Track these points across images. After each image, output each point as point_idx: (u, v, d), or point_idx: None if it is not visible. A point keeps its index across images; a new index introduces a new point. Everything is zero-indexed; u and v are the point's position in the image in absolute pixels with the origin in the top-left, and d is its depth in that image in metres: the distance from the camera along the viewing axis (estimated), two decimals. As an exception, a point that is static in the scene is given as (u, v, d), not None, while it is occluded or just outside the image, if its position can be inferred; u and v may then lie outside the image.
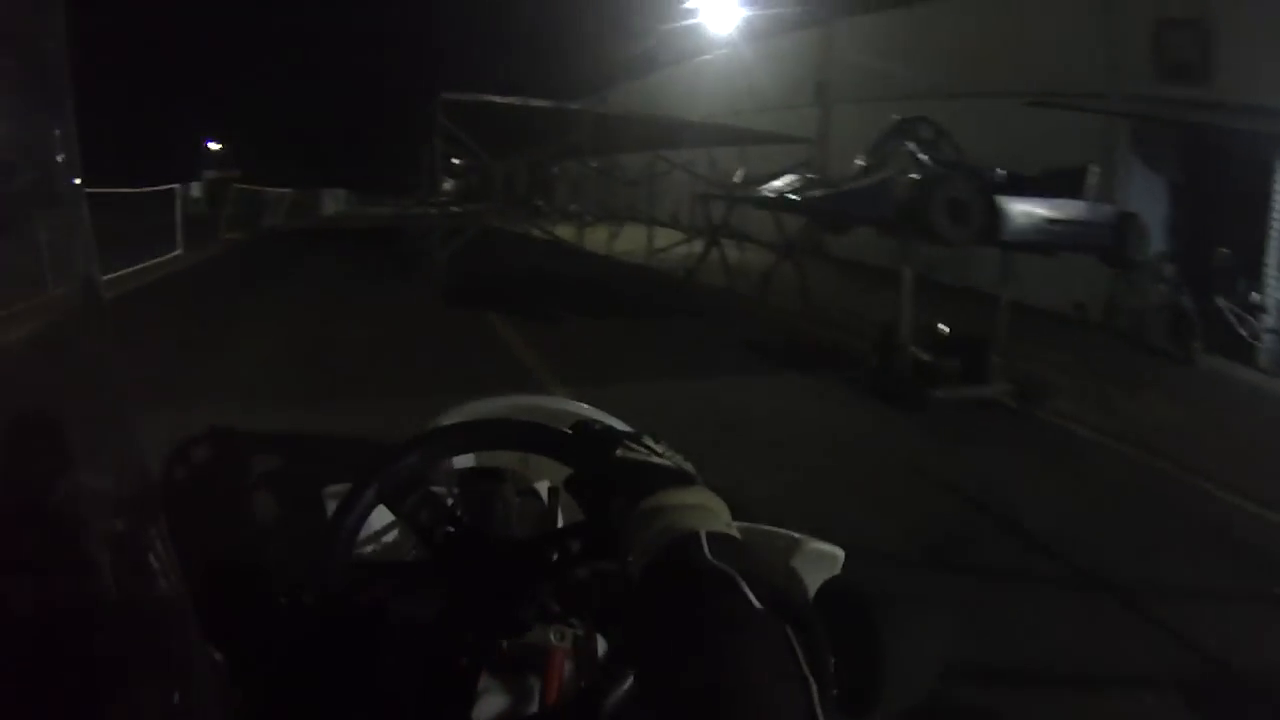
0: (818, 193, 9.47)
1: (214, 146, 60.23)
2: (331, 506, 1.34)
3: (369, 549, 1.57)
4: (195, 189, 45.30)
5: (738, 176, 19.35)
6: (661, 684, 0.84)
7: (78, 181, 0.85)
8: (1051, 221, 8.57)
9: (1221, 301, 11.93)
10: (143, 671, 0.82)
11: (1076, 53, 14.91)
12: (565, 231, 22.79)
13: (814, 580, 1.20)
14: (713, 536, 0.92)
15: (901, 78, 18.40)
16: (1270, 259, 12.30)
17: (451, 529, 1.31)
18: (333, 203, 56.80)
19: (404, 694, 1.15)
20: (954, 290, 13.51)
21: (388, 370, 8.69)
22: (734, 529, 1.00)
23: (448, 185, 37.28)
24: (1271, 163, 12.09)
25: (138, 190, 20.40)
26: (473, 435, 1.51)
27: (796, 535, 1.56)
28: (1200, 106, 12.96)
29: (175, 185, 21.96)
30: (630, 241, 22.10)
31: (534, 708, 1.33)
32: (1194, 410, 9.20)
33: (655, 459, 1.13)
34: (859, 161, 9.41)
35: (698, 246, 18.41)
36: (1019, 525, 5.58)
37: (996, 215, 8.32)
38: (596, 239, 21.87)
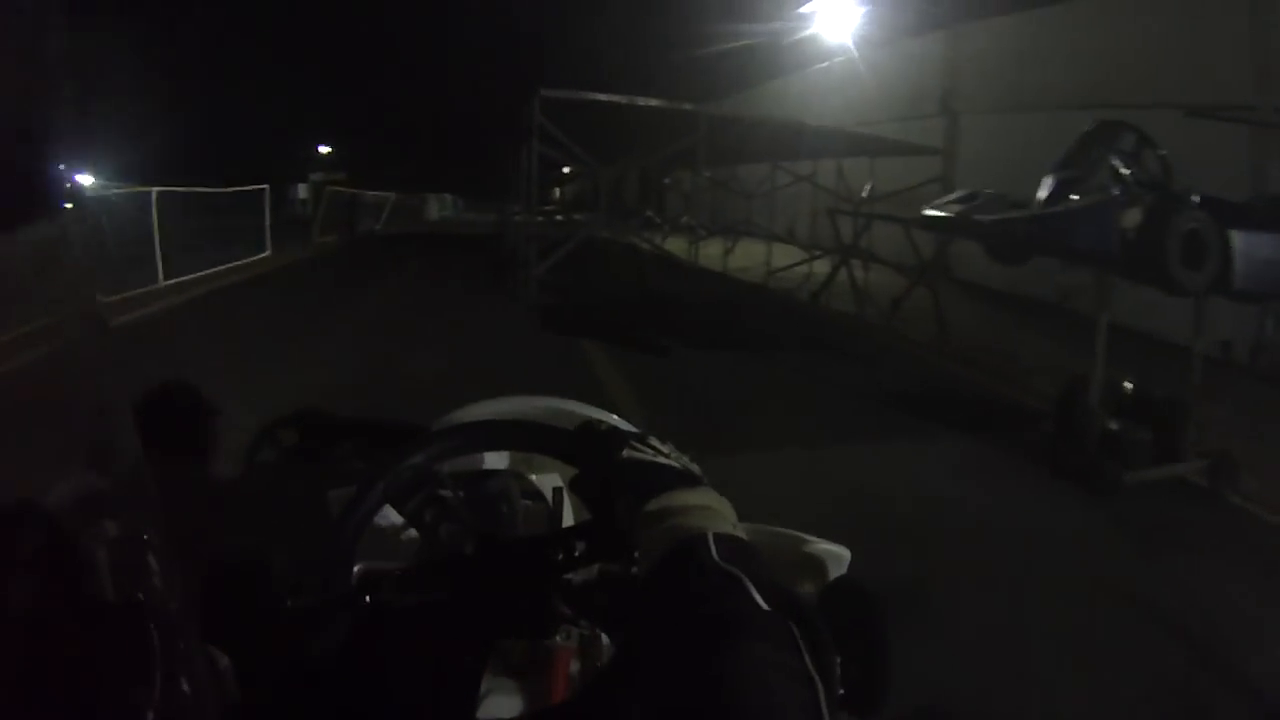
0: (1009, 215, 7.41)
1: (325, 150, 60.70)
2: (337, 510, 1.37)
3: (375, 551, 1.51)
4: (302, 191, 45.74)
5: (865, 191, 17.96)
6: (667, 683, 0.85)
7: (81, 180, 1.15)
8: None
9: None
10: (141, 672, 0.81)
11: (1223, 60, 13.29)
12: (676, 245, 21.52)
13: (820, 580, 1.50)
14: (719, 538, 0.94)
15: (1034, 85, 16.94)
16: None
17: (456, 529, 1.31)
18: (438, 208, 56.84)
19: (409, 695, 1.15)
20: (1091, 323, 11.63)
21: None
22: (740, 530, 1.01)
23: (556, 193, 36.48)
24: None
25: (230, 190, 20.65)
26: (479, 436, 1.52)
27: (803, 535, 1.68)
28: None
29: (264, 186, 21.49)
30: (746, 258, 20.39)
31: (539, 707, 1.33)
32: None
33: (661, 459, 1.18)
34: (1049, 179, 7.32)
35: (819, 265, 16.95)
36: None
37: (1232, 257, 6.53)
38: (710, 254, 20.13)
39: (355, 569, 1.33)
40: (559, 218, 28.48)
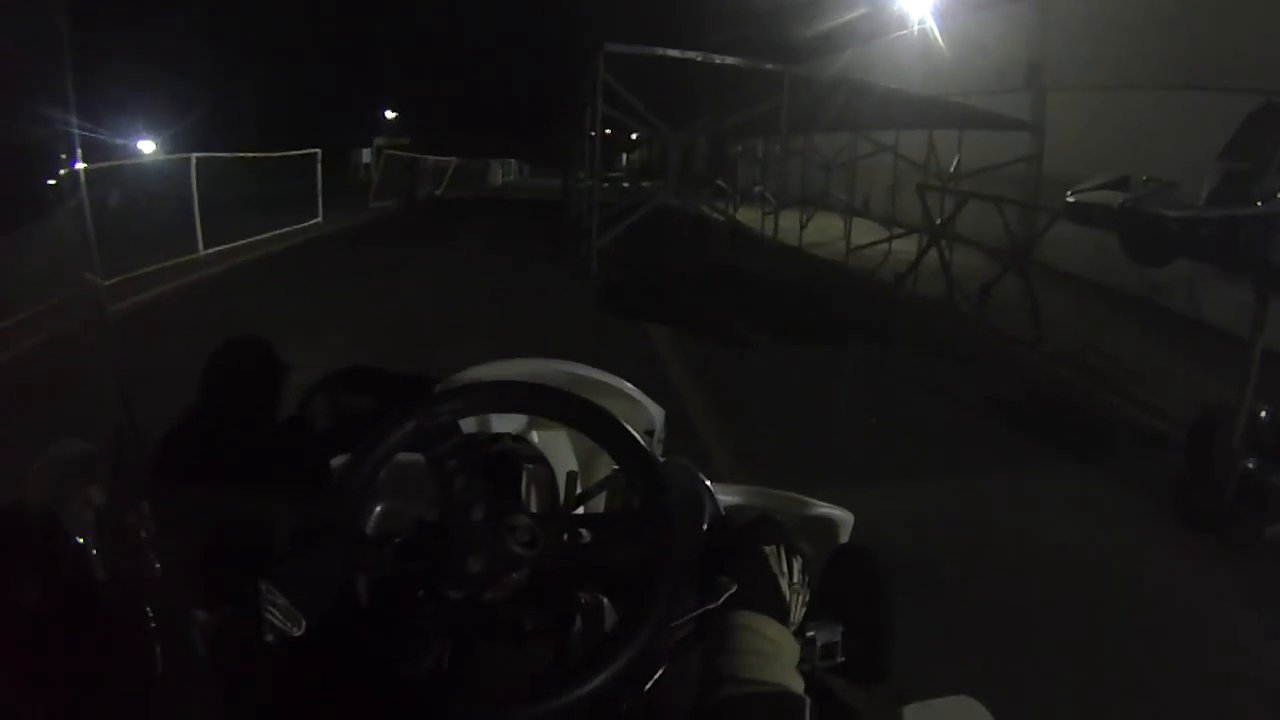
0: (1174, 211, 6.16)
1: (390, 116, 60.58)
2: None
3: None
4: (366, 156, 45.77)
5: (953, 166, 16.81)
6: None
7: (79, 168, 1.03)
8: None
9: None
10: (133, 657, 0.92)
11: None
12: (749, 216, 20.39)
13: (829, 542, 1.62)
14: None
15: (1131, 61, 15.35)
16: None
17: (470, 483, 1.34)
18: (502, 173, 56.40)
19: (409, 662, 1.15)
20: (1186, 322, 10.89)
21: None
22: (798, 679, 1.18)
23: (624, 159, 35.59)
24: None
25: (278, 155, 20.91)
26: (529, 398, 1.50)
27: (807, 499, 1.81)
28: None
29: (316, 150, 20.94)
30: (823, 233, 19.20)
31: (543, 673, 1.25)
32: None
33: (774, 579, 1.28)
34: (1217, 169, 6.04)
35: (900, 244, 16.00)
36: None
37: None
38: (785, 228, 19.02)
39: (377, 509, 1.60)
40: (625, 185, 27.49)
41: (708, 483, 1.68)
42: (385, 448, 1.33)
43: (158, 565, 1.03)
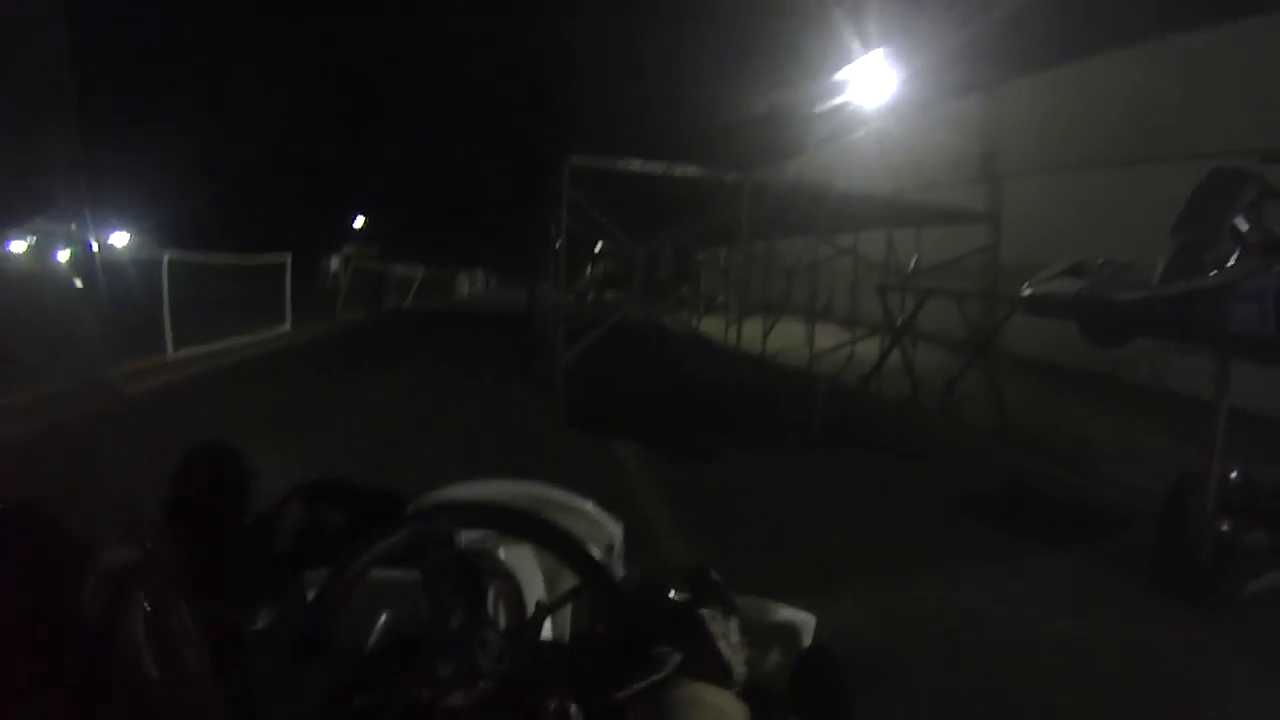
0: (1132, 294, 6.24)
1: (359, 223, 61.11)
2: (312, 593, 1.43)
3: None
4: (334, 263, 45.97)
5: (912, 263, 17.07)
6: None
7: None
8: None
9: None
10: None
11: None
12: (712, 325, 20.55)
13: (793, 646, 1.62)
14: None
15: (1081, 142, 16.06)
16: None
17: (453, 597, 1.42)
18: (468, 284, 56.70)
19: None
20: (1153, 394, 11.45)
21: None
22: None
23: (587, 270, 35.96)
24: None
25: (250, 261, 20.78)
26: (513, 522, 1.59)
27: (770, 603, 1.83)
28: None
29: (285, 257, 20.89)
30: (786, 338, 19.19)
31: None
32: None
33: (711, 641, 1.36)
34: (1171, 243, 6.17)
35: (863, 346, 15.92)
36: None
37: None
38: (748, 335, 19.19)
39: (382, 619, 1.53)
40: (589, 297, 27.72)
41: (671, 592, 1.72)
42: (372, 556, 1.40)
43: (199, 665, 1.08)
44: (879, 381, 13.82)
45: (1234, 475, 6.05)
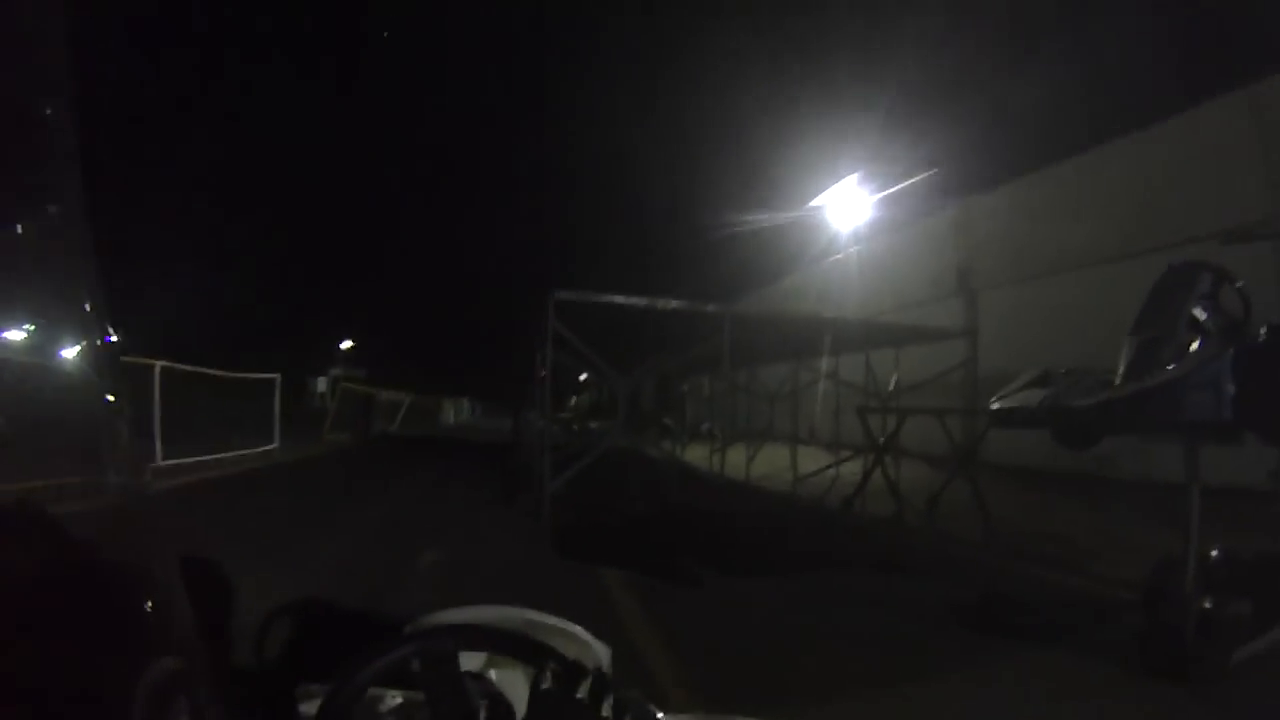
0: (1108, 397, 6.44)
1: (347, 345, 61.36)
2: (308, 706, 1.52)
3: None
4: (321, 384, 46.02)
5: (892, 384, 17.29)
6: None
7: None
8: None
9: None
10: None
11: (1239, 182, 13.25)
12: (696, 453, 20.64)
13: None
14: None
15: (1054, 247, 16.67)
16: None
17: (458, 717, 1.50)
18: (454, 412, 56.70)
19: None
20: (1136, 485, 11.43)
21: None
22: None
23: (572, 400, 36.12)
24: None
25: (241, 376, 20.89)
26: (526, 651, 1.57)
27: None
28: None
29: (275, 376, 20.95)
30: (769, 464, 19.37)
31: None
32: None
33: None
34: (1129, 342, 6.40)
35: (847, 467, 16.06)
36: None
37: None
38: (732, 462, 19.31)
39: None
40: (574, 426, 27.84)
41: (660, 715, 1.73)
42: (375, 671, 1.44)
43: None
44: (863, 502, 13.94)
45: (1214, 552, 6.29)
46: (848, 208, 23.71)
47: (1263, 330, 5.99)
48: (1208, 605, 5.89)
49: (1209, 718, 5.24)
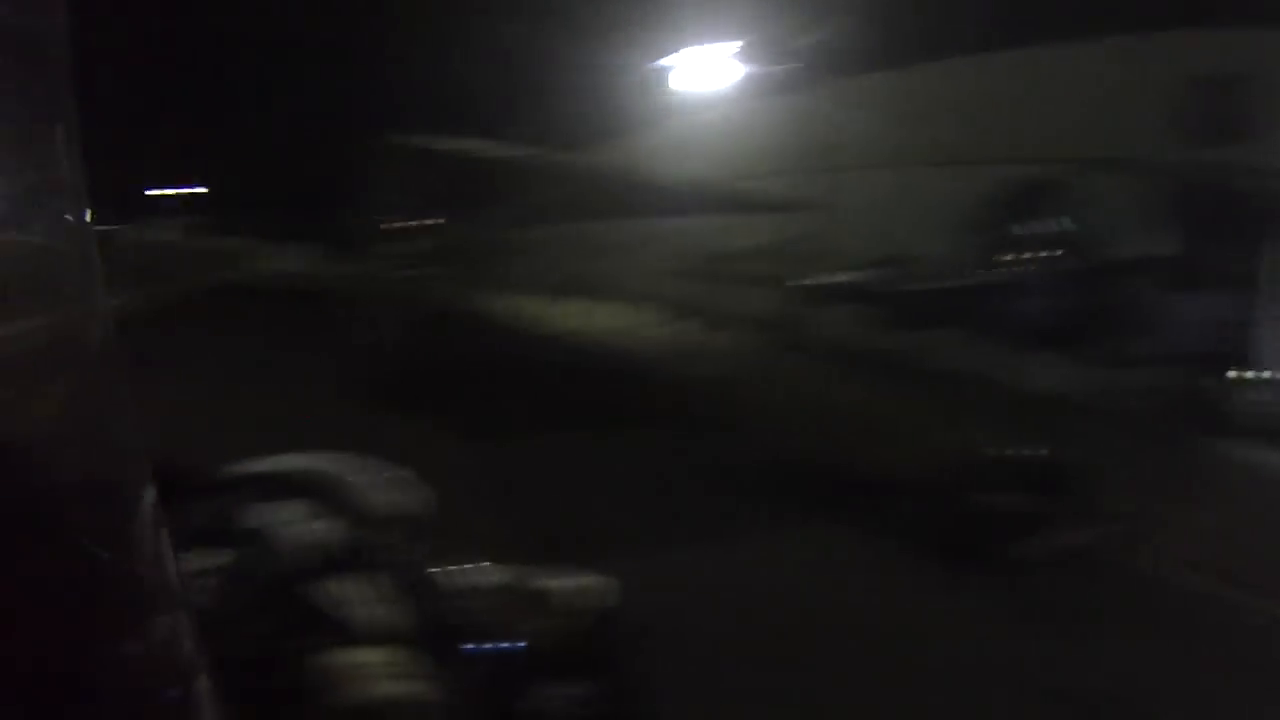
0: (943, 285, 6.83)
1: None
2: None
3: None
4: None
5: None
6: None
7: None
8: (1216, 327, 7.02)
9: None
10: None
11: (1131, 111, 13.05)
12: (533, 307, 20.63)
13: (584, 611, 1.81)
14: None
15: (912, 141, 16.50)
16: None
17: None
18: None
19: None
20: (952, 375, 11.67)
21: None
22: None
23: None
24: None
25: None
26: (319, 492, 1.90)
27: (562, 573, 2.00)
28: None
29: None
30: (608, 317, 19.44)
31: None
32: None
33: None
34: (968, 240, 6.80)
35: (682, 327, 16.41)
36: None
37: (1167, 322, 6.71)
38: (564, 315, 19.46)
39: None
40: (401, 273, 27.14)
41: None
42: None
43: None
44: (693, 364, 14.19)
45: (1010, 452, 6.89)
46: (705, 70, 23.21)
47: (1105, 257, 6.44)
48: (989, 499, 6.53)
49: (1006, 601, 5.73)
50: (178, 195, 23.47)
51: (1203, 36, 13.11)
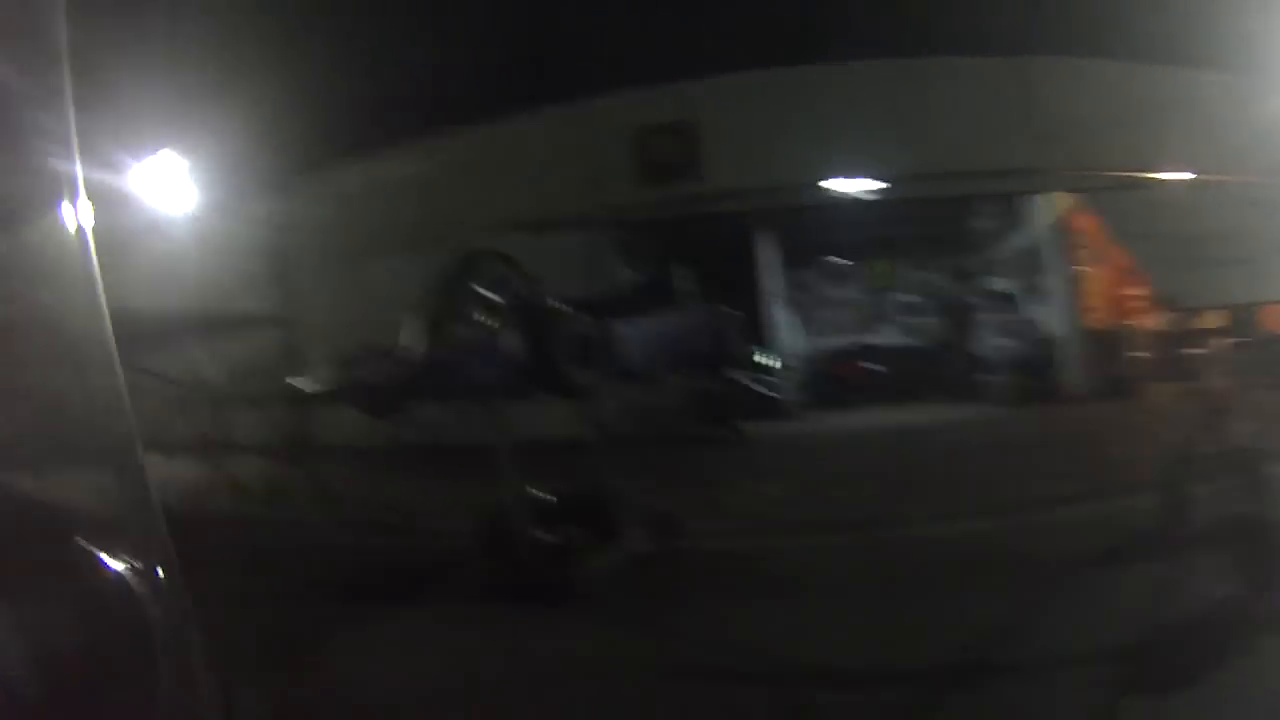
0: (391, 370, 7.07)
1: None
2: None
3: None
4: None
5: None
6: None
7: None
8: (665, 339, 7.91)
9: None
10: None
11: (557, 175, 16.43)
12: None
13: None
14: None
15: (371, 233, 17.74)
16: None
17: None
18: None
19: None
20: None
21: None
22: None
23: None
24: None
25: None
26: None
27: None
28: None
29: None
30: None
31: None
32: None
33: None
34: (414, 321, 7.15)
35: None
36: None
37: (618, 347, 7.26)
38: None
39: None
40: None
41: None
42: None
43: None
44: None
45: (540, 494, 7.44)
46: (163, 187, 21.71)
47: (549, 305, 7.15)
48: (540, 535, 7.02)
49: (576, 624, 6.22)
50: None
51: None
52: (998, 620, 5.16)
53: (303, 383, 7.60)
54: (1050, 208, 17.23)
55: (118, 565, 1.08)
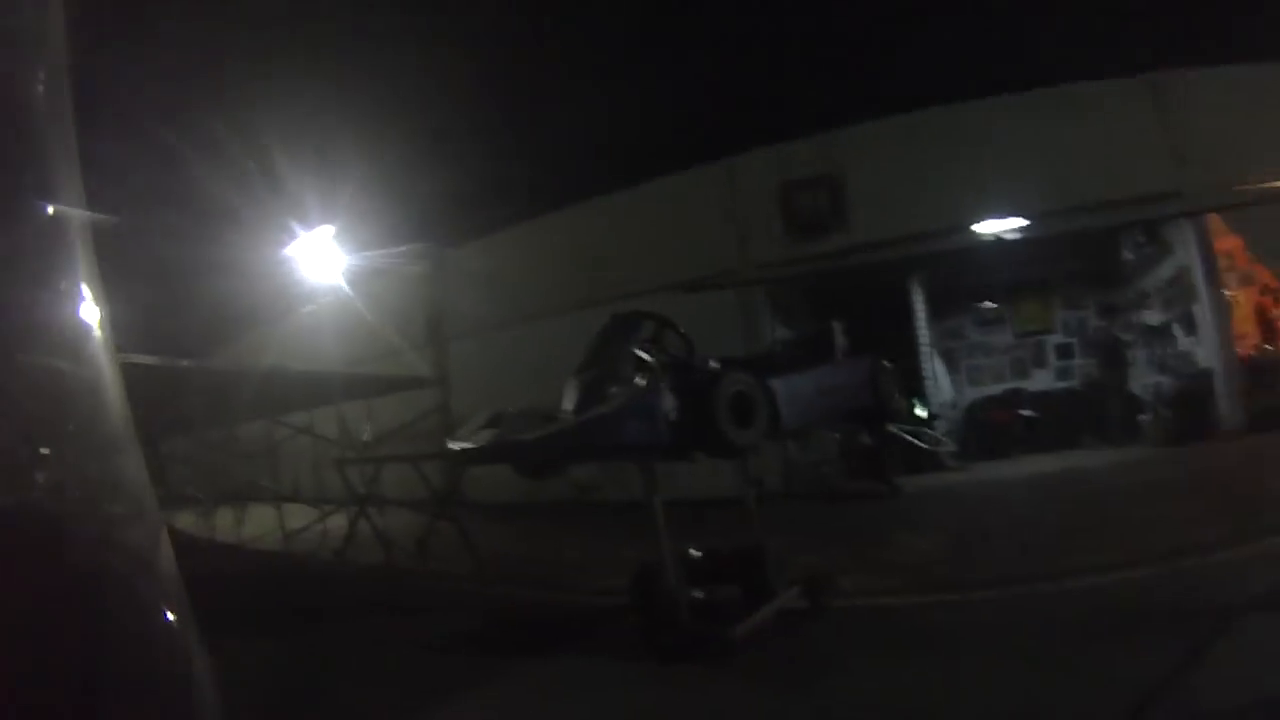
0: (549, 430, 7.20)
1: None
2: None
3: None
4: None
5: (365, 434, 17.58)
6: None
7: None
8: (823, 394, 7.82)
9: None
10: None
11: (708, 236, 16.84)
12: (184, 519, 19.52)
13: None
14: None
15: (527, 297, 18.48)
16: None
17: None
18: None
19: None
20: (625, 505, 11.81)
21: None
22: None
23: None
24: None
25: None
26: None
27: None
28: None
29: None
30: (260, 524, 18.76)
31: None
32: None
33: None
34: (573, 383, 7.31)
35: (334, 520, 16.14)
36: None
37: (777, 405, 7.05)
38: (222, 525, 18.84)
39: None
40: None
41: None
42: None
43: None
44: (354, 551, 14.19)
45: (693, 551, 7.60)
46: (320, 259, 22.99)
47: (708, 365, 7.26)
48: (698, 594, 7.12)
49: (730, 682, 6.13)
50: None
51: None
52: (1161, 673, 4.90)
53: (460, 441, 7.69)
54: (1194, 231, 16.36)
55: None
